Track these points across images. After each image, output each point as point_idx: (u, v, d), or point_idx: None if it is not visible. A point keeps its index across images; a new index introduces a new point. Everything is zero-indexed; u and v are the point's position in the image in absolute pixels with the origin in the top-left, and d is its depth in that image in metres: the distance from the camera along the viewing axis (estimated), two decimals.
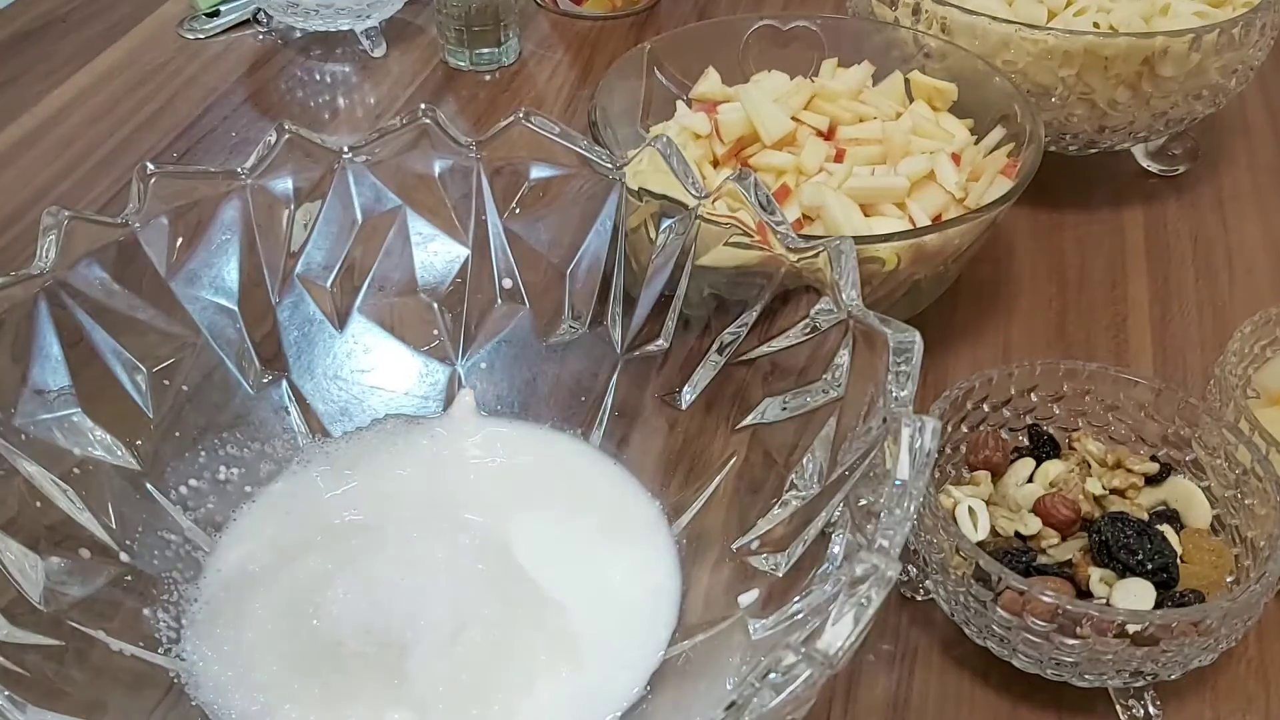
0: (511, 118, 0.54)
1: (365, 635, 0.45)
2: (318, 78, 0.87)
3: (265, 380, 0.54)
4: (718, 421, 0.52)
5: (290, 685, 0.44)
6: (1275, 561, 0.45)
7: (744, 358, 0.51)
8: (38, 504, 0.45)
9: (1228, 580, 0.48)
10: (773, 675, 0.33)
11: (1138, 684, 0.46)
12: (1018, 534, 0.49)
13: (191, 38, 0.90)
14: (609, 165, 0.53)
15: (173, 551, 0.49)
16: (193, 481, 0.51)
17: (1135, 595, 0.46)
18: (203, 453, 0.52)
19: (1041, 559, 0.48)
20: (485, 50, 0.86)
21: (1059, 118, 0.71)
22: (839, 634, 0.34)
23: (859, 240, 0.53)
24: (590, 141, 0.54)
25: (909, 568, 0.50)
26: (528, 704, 0.44)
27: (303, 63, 0.88)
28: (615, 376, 0.55)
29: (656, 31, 0.92)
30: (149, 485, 0.49)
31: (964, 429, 0.53)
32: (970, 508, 0.49)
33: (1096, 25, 0.70)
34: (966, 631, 0.48)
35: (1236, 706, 0.48)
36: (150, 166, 0.49)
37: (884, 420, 0.41)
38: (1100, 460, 0.52)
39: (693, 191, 0.51)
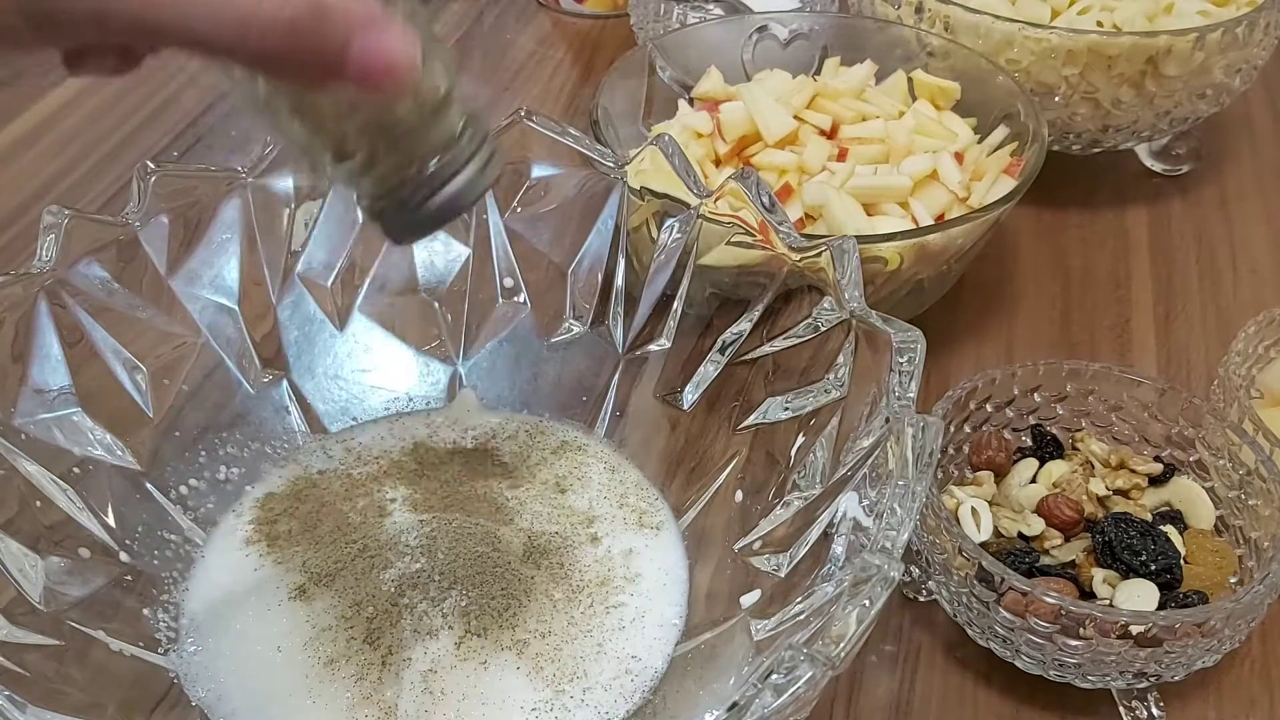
0: (513, 116, 0.54)
1: (365, 633, 0.45)
2: None
3: (265, 380, 0.54)
4: (720, 421, 0.51)
5: (290, 685, 0.44)
6: (1279, 562, 0.45)
7: (746, 357, 0.51)
8: (38, 503, 0.45)
9: (1231, 581, 0.48)
10: (775, 676, 0.33)
11: (1141, 685, 0.46)
12: (1021, 535, 0.49)
13: None
14: (611, 164, 0.53)
15: (172, 551, 0.49)
16: (193, 481, 0.51)
17: (1138, 596, 0.46)
18: (203, 452, 0.51)
19: (1044, 560, 0.48)
20: None
21: (1062, 117, 0.71)
22: (841, 635, 0.34)
23: (861, 239, 0.52)
24: (592, 140, 0.54)
25: (911, 568, 0.50)
26: (532, 705, 0.44)
27: None
28: (617, 376, 0.55)
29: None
30: (149, 485, 0.49)
31: (967, 429, 0.53)
32: (973, 508, 0.49)
33: (1100, 24, 0.70)
34: (969, 633, 0.48)
35: (1240, 708, 0.48)
36: (150, 165, 0.49)
37: (887, 420, 0.41)
38: (1104, 461, 0.52)
39: (695, 190, 0.51)
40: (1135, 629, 0.43)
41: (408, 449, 0.54)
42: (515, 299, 0.57)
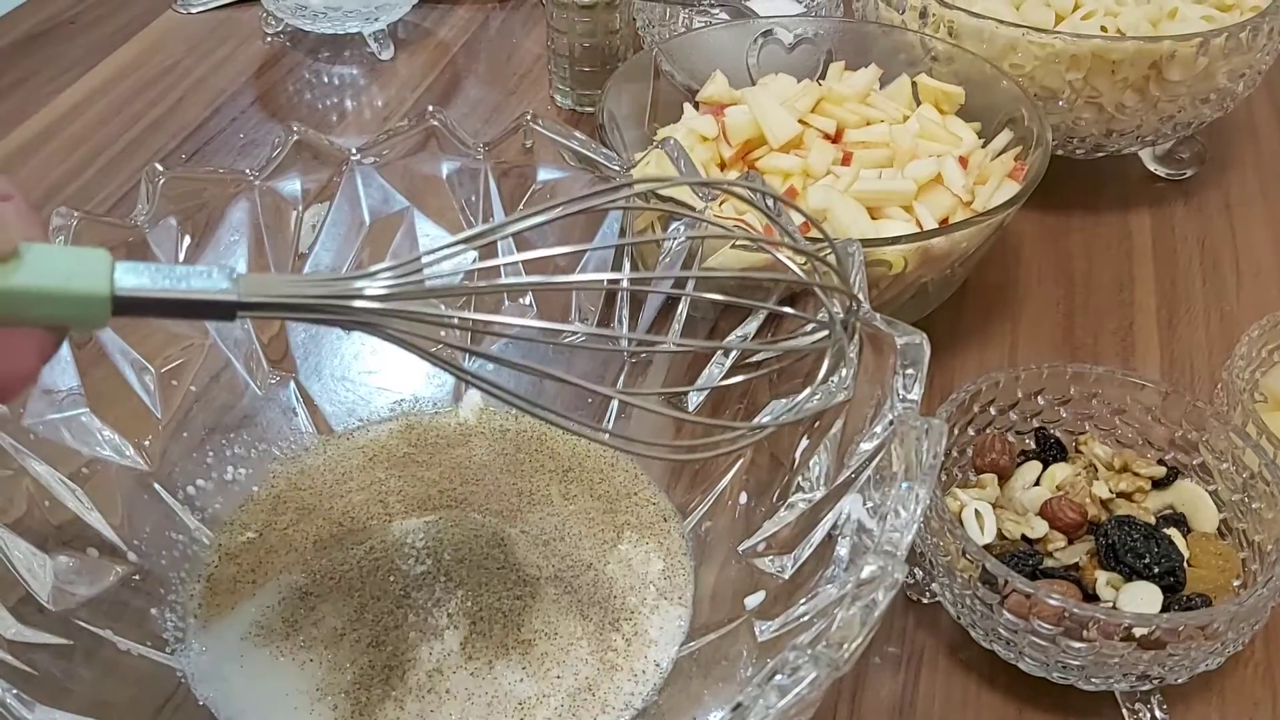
0: (519, 120, 0.54)
1: (371, 634, 0.45)
2: (326, 80, 0.87)
3: (273, 381, 0.54)
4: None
5: (296, 685, 0.45)
6: None
7: (751, 360, 0.51)
8: (46, 504, 0.45)
9: (1234, 584, 0.48)
10: (779, 677, 0.33)
11: (1144, 688, 0.46)
12: (1024, 537, 0.49)
13: (184, 12, 0.90)
14: (616, 168, 0.54)
15: (180, 551, 0.49)
16: (200, 482, 0.51)
17: (1142, 599, 0.46)
18: (210, 453, 0.52)
19: (1048, 562, 0.48)
20: (589, 92, 0.81)
21: (1066, 121, 0.71)
22: (845, 636, 0.34)
23: (866, 243, 0.53)
24: (597, 144, 0.54)
25: (915, 570, 0.50)
26: (537, 705, 0.44)
27: (311, 65, 0.88)
28: (622, 378, 0.55)
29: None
30: (157, 485, 0.49)
31: (971, 432, 0.53)
32: (977, 510, 0.49)
33: (1104, 29, 0.70)
34: (973, 634, 0.48)
35: (1243, 710, 0.48)
36: (159, 168, 0.50)
37: (890, 423, 0.41)
38: (1107, 464, 0.52)
39: (700, 194, 0.51)
40: (1138, 631, 0.43)
41: (413, 450, 0.54)
42: (521, 301, 0.57)
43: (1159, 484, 0.51)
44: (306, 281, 0.34)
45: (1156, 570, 0.46)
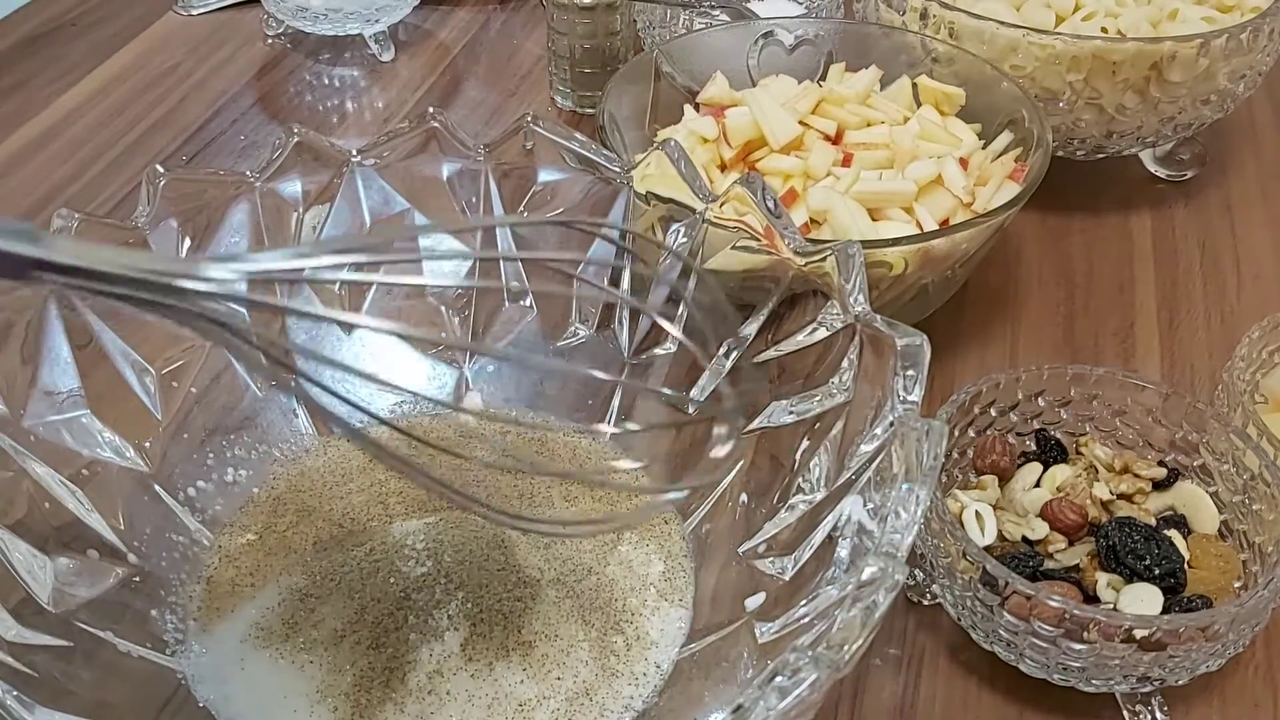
0: (520, 121, 0.54)
1: (371, 636, 0.46)
2: (326, 82, 0.87)
3: (273, 382, 0.54)
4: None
5: (296, 686, 0.45)
6: None
7: (751, 361, 0.51)
8: (47, 505, 0.45)
9: (1235, 585, 0.48)
10: (779, 678, 0.33)
11: (1145, 689, 0.46)
12: (1025, 539, 0.49)
13: (185, 14, 0.90)
14: (617, 169, 0.54)
15: (180, 553, 0.49)
16: (200, 483, 0.51)
17: (1142, 600, 0.46)
18: (210, 454, 0.52)
19: (1048, 564, 0.48)
20: (590, 94, 0.81)
21: (1067, 122, 0.71)
22: (846, 638, 0.34)
23: (866, 244, 0.53)
24: (598, 145, 0.54)
25: (916, 572, 0.50)
26: (538, 707, 0.44)
27: (311, 67, 0.88)
28: (623, 378, 0.55)
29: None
30: (157, 487, 0.49)
31: (971, 433, 0.53)
32: (977, 512, 0.49)
33: (1104, 30, 0.70)
34: (973, 636, 0.48)
35: (1244, 711, 0.48)
36: (160, 169, 0.50)
37: (891, 424, 0.41)
38: (1108, 465, 0.52)
39: (700, 195, 0.51)
40: (1139, 633, 0.43)
41: (413, 451, 0.54)
42: (521, 303, 0.57)
43: (1159, 485, 0.51)
44: (134, 254, 0.30)
45: (1157, 572, 0.47)
